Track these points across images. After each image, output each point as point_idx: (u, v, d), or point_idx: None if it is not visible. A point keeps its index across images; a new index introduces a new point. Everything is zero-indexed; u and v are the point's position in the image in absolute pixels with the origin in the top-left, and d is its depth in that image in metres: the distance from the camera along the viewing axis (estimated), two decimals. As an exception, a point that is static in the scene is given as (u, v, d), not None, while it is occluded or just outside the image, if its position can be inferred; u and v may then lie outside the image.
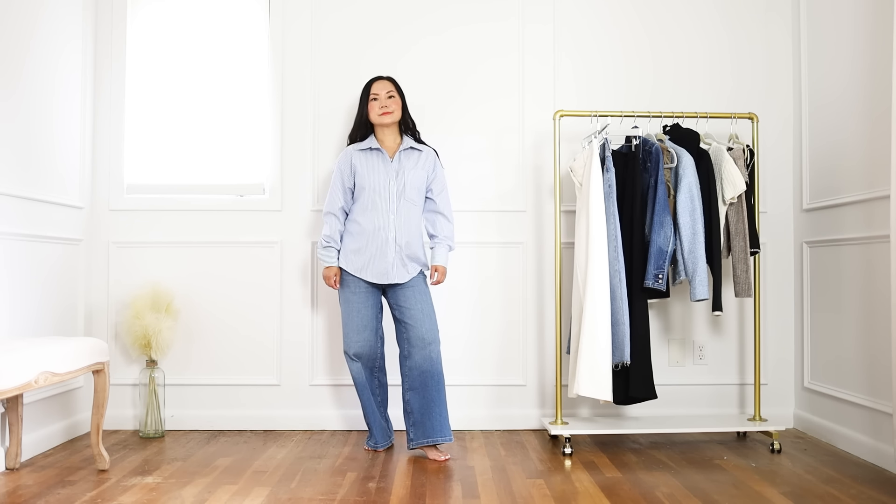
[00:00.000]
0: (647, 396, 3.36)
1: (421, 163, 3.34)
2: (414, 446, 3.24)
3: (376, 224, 3.26)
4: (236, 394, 3.81)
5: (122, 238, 3.83)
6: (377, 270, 3.25)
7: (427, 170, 3.34)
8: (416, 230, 3.31)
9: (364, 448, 3.40)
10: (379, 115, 3.31)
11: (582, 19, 3.89)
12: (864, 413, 3.25)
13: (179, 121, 3.90)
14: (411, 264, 3.29)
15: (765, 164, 3.83)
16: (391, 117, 3.31)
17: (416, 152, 3.36)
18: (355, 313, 3.29)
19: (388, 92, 3.33)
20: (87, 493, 2.72)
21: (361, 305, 3.29)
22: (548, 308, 3.83)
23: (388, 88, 3.34)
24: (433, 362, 3.24)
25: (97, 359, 3.02)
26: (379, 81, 3.37)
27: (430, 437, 3.20)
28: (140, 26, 3.91)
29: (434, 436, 3.20)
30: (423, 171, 3.33)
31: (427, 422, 3.21)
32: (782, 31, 3.89)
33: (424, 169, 3.34)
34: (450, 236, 3.39)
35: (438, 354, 3.26)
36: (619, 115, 3.48)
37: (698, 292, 3.31)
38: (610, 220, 3.31)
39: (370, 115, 3.34)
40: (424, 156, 3.37)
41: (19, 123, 3.24)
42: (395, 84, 3.39)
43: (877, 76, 3.17)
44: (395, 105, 3.33)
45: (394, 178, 3.28)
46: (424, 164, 3.35)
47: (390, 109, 3.31)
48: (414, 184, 3.30)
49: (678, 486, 2.81)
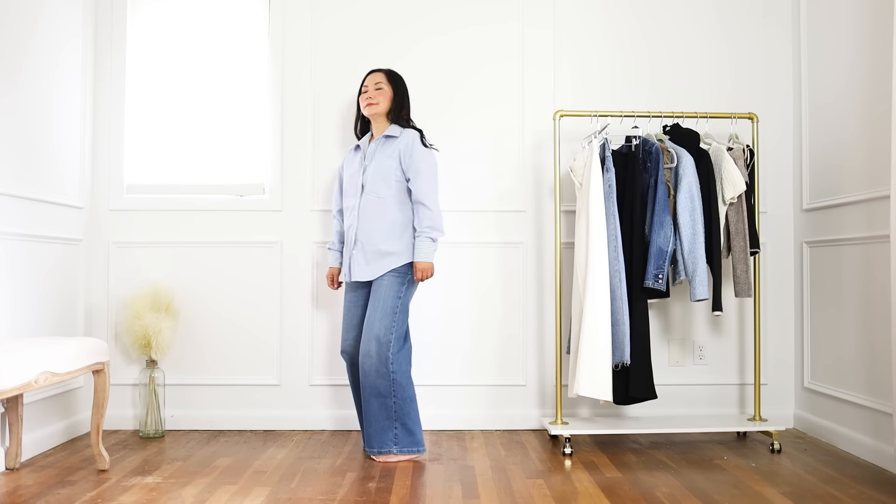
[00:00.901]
0: (647, 396, 3.36)
1: (391, 150, 3.22)
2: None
3: (349, 222, 3.27)
4: (236, 394, 3.81)
5: (122, 238, 3.83)
6: (347, 268, 3.28)
7: (397, 157, 3.19)
8: (384, 224, 3.18)
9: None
10: (364, 107, 3.31)
11: (582, 20, 3.89)
12: (864, 413, 3.25)
13: (179, 121, 3.90)
14: (378, 262, 3.18)
15: (765, 164, 3.83)
16: (375, 108, 3.28)
17: (392, 140, 3.26)
18: (345, 313, 3.34)
19: (376, 84, 3.31)
20: (87, 493, 2.72)
21: (351, 305, 3.33)
22: (548, 308, 3.83)
23: (377, 80, 3.31)
24: (366, 374, 3.12)
25: (97, 359, 3.02)
26: (372, 74, 3.35)
27: (367, 444, 3.19)
28: (140, 26, 3.91)
29: (368, 445, 3.18)
30: (390, 160, 3.19)
31: (365, 430, 3.20)
32: (782, 31, 3.89)
33: (393, 157, 3.19)
34: (432, 226, 3.16)
35: (374, 367, 3.10)
36: (618, 115, 3.48)
37: (698, 292, 3.31)
38: (610, 220, 3.31)
39: (361, 107, 3.35)
40: (399, 141, 3.23)
41: (19, 123, 3.24)
42: (388, 76, 3.33)
43: (877, 76, 3.17)
44: (382, 96, 3.29)
45: (360, 172, 3.26)
46: (395, 150, 3.21)
47: (375, 101, 3.28)
48: (378, 174, 3.19)
49: (678, 486, 2.81)
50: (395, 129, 3.29)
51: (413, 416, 3.18)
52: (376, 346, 3.12)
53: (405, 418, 3.15)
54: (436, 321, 3.80)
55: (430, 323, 3.77)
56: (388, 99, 3.30)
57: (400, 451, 3.15)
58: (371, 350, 3.13)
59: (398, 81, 3.35)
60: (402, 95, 3.34)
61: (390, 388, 3.13)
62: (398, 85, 3.34)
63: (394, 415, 3.15)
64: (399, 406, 3.15)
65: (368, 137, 3.38)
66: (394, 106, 3.31)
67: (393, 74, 3.36)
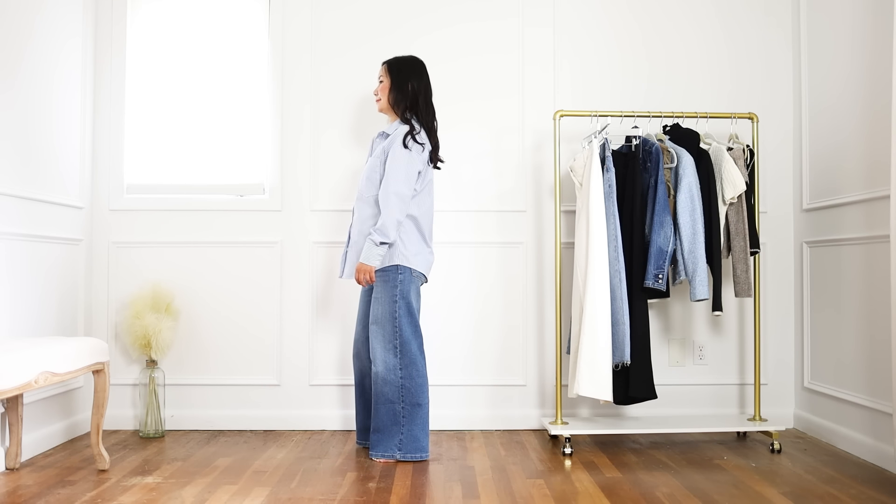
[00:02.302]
0: (647, 396, 3.36)
1: (379, 149, 3.16)
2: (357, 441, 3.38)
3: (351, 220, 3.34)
4: (236, 394, 3.81)
5: (122, 238, 3.83)
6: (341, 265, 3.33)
7: (382, 156, 3.13)
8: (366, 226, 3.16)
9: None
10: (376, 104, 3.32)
11: (582, 20, 3.89)
12: (864, 413, 3.25)
13: (179, 120, 3.90)
14: None
15: (765, 164, 3.83)
16: (378, 105, 3.28)
17: (385, 137, 3.22)
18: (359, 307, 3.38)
19: (379, 77, 3.27)
20: (87, 493, 2.72)
21: (360, 302, 3.36)
22: (548, 308, 3.83)
23: (379, 74, 3.27)
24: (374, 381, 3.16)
25: (97, 359, 3.02)
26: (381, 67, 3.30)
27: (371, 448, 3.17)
28: (140, 25, 3.91)
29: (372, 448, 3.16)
30: (376, 159, 3.14)
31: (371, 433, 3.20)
32: (782, 31, 3.89)
33: (379, 156, 3.14)
34: (379, 229, 3.04)
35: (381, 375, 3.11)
36: (619, 114, 3.48)
37: (698, 292, 3.31)
38: (610, 219, 3.31)
39: None
40: (389, 139, 3.15)
41: (19, 123, 3.24)
42: (388, 66, 3.23)
43: (877, 75, 3.17)
44: (382, 91, 3.23)
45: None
46: (381, 149, 3.14)
47: (378, 97, 3.25)
48: (366, 174, 3.18)
49: (678, 486, 2.81)
50: (392, 126, 3.24)
51: (420, 422, 3.12)
52: (382, 353, 3.11)
53: (412, 424, 3.12)
54: (436, 321, 3.79)
55: (431, 323, 3.76)
56: (386, 92, 3.22)
57: (403, 456, 3.13)
58: (376, 357, 3.13)
59: (398, 70, 3.20)
60: (399, 86, 3.18)
61: (398, 394, 3.10)
62: (398, 74, 3.19)
63: (402, 420, 3.11)
64: (407, 412, 3.11)
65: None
66: (391, 99, 3.22)
67: (394, 64, 3.23)
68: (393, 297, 3.12)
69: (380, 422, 3.13)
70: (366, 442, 3.35)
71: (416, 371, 3.12)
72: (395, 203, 3.05)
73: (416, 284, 3.18)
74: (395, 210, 3.05)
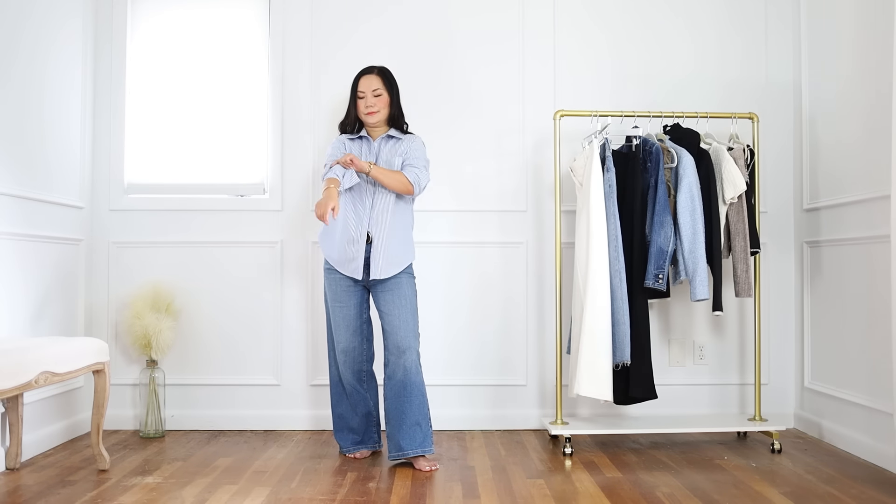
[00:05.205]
0: (647, 396, 3.36)
1: (400, 148, 3.19)
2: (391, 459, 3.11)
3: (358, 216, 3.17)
4: (236, 394, 3.81)
5: (122, 238, 3.83)
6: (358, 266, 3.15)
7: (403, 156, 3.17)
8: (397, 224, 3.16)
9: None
10: (365, 115, 3.20)
11: (582, 20, 3.89)
12: (864, 413, 3.25)
13: (179, 120, 3.90)
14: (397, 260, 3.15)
15: (765, 164, 3.83)
16: (376, 117, 3.20)
17: (398, 140, 3.23)
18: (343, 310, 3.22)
19: (374, 90, 3.19)
20: (87, 493, 2.72)
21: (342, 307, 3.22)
22: (548, 308, 3.83)
23: (374, 86, 3.19)
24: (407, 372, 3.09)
25: (97, 359, 3.01)
26: (366, 77, 3.22)
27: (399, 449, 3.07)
28: (140, 25, 3.91)
29: (398, 448, 3.07)
30: (398, 157, 3.17)
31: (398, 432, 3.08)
32: (782, 31, 3.89)
33: (400, 154, 3.17)
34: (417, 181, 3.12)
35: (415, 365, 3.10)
36: (619, 114, 3.48)
37: (698, 292, 3.30)
38: (610, 219, 3.31)
39: (358, 112, 3.24)
40: (402, 143, 3.21)
41: (19, 123, 3.24)
42: (383, 78, 3.21)
43: (877, 75, 3.17)
44: (382, 103, 3.19)
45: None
46: (403, 149, 3.19)
47: (376, 109, 3.19)
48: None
49: (678, 486, 2.81)
50: (396, 132, 3.25)
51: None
52: (415, 344, 3.10)
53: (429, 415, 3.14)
54: (436, 320, 3.79)
55: (431, 322, 3.76)
56: (387, 105, 3.21)
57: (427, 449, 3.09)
58: (410, 347, 3.09)
59: (394, 84, 3.24)
60: (397, 100, 3.24)
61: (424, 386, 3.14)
62: (394, 88, 3.23)
63: (427, 412, 3.12)
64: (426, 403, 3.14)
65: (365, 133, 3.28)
66: (392, 112, 3.23)
67: (388, 77, 3.23)
68: (415, 292, 3.20)
69: (419, 415, 3.07)
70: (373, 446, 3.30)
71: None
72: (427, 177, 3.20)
73: None
74: (426, 181, 3.20)
